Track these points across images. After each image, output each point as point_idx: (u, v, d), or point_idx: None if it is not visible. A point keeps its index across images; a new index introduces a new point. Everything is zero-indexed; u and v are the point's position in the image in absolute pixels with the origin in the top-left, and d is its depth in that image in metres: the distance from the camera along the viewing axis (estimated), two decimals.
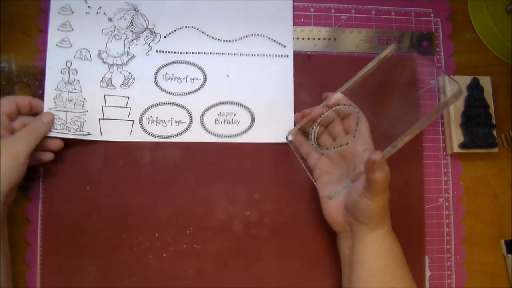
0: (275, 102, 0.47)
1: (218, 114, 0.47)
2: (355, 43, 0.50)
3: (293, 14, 0.50)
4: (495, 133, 0.48)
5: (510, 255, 0.48)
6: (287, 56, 0.48)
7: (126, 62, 0.46)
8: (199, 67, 0.47)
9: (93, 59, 0.46)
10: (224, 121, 0.47)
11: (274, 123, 0.47)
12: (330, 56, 0.49)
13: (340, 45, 0.50)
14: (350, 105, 0.42)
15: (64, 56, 0.45)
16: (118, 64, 0.46)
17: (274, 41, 0.48)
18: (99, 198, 0.45)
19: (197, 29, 0.47)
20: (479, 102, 0.48)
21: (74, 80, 0.45)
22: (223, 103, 0.47)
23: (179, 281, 0.45)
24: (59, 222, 0.44)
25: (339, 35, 0.50)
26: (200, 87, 0.47)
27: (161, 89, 0.46)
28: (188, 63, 0.47)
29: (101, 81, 0.46)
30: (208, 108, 0.47)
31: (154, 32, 0.47)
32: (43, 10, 0.47)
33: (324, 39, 0.50)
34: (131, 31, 0.46)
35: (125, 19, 0.46)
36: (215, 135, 0.46)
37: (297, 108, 0.47)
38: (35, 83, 0.46)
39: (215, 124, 0.46)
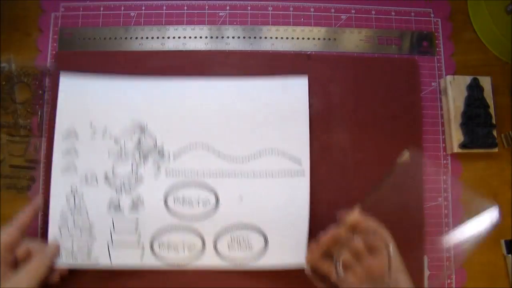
0: (290, 224, 0.44)
1: (231, 239, 0.44)
2: (355, 43, 0.50)
3: (293, 15, 0.50)
4: (495, 133, 0.48)
5: (510, 255, 0.48)
6: (303, 174, 0.45)
7: (135, 185, 0.44)
8: (211, 190, 0.44)
9: (99, 183, 0.44)
10: (238, 245, 0.44)
11: (289, 246, 0.44)
12: (330, 56, 0.49)
13: (340, 45, 0.50)
14: (377, 232, 0.38)
15: (69, 181, 0.43)
16: (126, 187, 0.44)
17: (289, 157, 0.45)
18: None
19: (208, 146, 0.45)
20: (479, 102, 0.48)
21: (81, 206, 0.43)
22: (236, 227, 0.44)
23: None
24: None
25: (339, 35, 0.50)
26: (213, 211, 0.44)
27: (172, 213, 0.44)
28: (199, 185, 0.44)
29: (108, 205, 0.43)
30: (221, 233, 0.44)
31: (163, 152, 0.44)
32: (44, 11, 0.47)
33: (324, 39, 0.50)
34: (139, 151, 0.44)
35: (131, 139, 0.44)
36: (229, 261, 0.44)
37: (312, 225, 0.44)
38: (35, 83, 0.46)
39: (229, 249, 0.44)
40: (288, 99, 0.46)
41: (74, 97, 0.45)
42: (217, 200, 0.44)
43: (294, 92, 0.46)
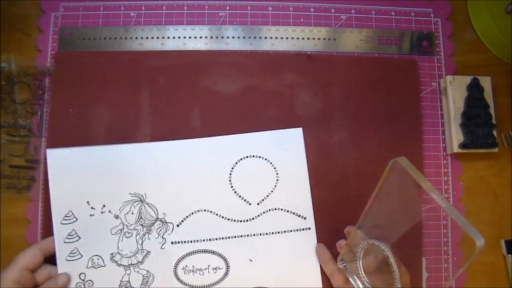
0: (300, 278, 0.45)
1: None
2: (355, 43, 0.50)
3: (293, 15, 0.50)
4: (495, 133, 0.48)
5: (510, 255, 0.48)
6: (309, 228, 0.45)
7: (142, 260, 0.43)
8: (220, 255, 0.44)
9: (106, 264, 0.43)
10: None
11: None
12: (330, 56, 0.49)
13: (340, 45, 0.50)
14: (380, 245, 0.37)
15: (76, 269, 0.42)
16: (134, 264, 0.43)
17: (294, 214, 0.45)
18: None
19: (211, 211, 0.44)
20: (479, 102, 0.48)
21: None
22: None
23: None
24: None
25: (339, 35, 0.50)
26: (224, 277, 0.44)
27: (184, 283, 0.43)
28: (207, 251, 0.44)
29: (119, 285, 0.43)
30: None
31: (166, 222, 0.44)
32: (44, 11, 0.47)
33: (324, 39, 0.50)
34: (141, 225, 0.43)
35: (132, 213, 0.43)
36: None
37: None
38: (35, 83, 0.46)
39: None
40: (284, 152, 0.46)
41: (65, 175, 0.43)
42: (227, 265, 0.44)
43: (290, 145, 0.46)
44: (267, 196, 0.45)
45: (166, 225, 0.44)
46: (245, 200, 0.45)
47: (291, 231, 0.45)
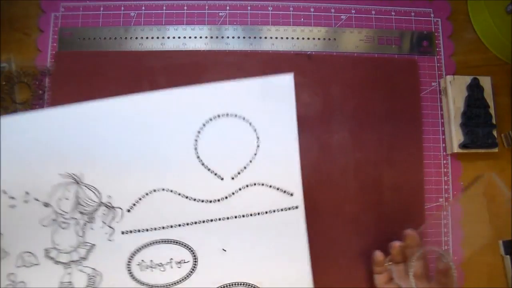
0: (285, 270, 0.37)
1: None
2: (355, 43, 0.50)
3: (293, 15, 0.50)
4: (495, 133, 0.48)
5: (508, 255, 0.48)
6: (297, 207, 0.36)
7: (86, 255, 0.35)
8: (185, 245, 0.35)
9: (41, 262, 0.34)
10: None
11: None
12: (330, 56, 0.49)
13: (340, 45, 0.50)
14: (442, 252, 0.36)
15: (3, 270, 0.35)
16: (75, 261, 0.35)
17: (278, 189, 0.36)
18: None
19: (171, 191, 0.35)
20: (479, 102, 0.48)
21: None
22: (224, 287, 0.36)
23: None
24: None
25: (339, 35, 0.50)
26: (191, 272, 0.35)
27: (140, 283, 0.35)
28: (168, 241, 0.35)
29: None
30: None
31: (112, 207, 0.35)
32: (44, 11, 0.47)
33: (324, 39, 0.50)
34: (80, 212, 0.34)
35: (67, 199, 0.34)
36: None
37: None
38: (35, 83, 0.46)
39: None
40: (268, 109, 0.36)
41: None
42: (195, 257, 0.36)
43: (276, 98, 0.36)
44: (245, 168, 0.36)
45: (113, 210, 0.35)
46: (215, 174, 0.35)
47: (274, 211, 0.36)
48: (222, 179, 0.36)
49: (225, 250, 0.36)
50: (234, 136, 0.36)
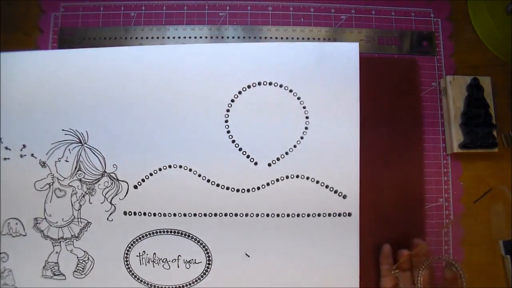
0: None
1: None
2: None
3: (293, 15, 0.50)
4: (495, 133, 0.48)
5: (508, 256, 0.48)
6: (350, 214, 0.29)
7: (78, 234, 0.29)
8: (198, 241, 0.28)
9: (28, 233, 0.29)
10: None
11: None
12: None
13: None
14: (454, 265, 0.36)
15: None
16: (66, 239, 0.29)
17: (328, 187, 0.29)
18: None
19: (190, 170, 0.28)
20: (479, 102, 0.48)
21: (4, 270, 0.29)
22: None
23: None
24: None
25: (339, 35, 0.50)
26: (202, 276, 0.28)
27: (137, 278, 0.28)
28: (178, 233, 0.28)
29: (43, 267, 0.29)
30: None
31: (117, 180, 0.29)
32: (44, 11, 0.47)
33: (324, 39, 0.50)
34: (80, 179, 0.29)
35: (66, 161, 0.29)
36: None
37: None
38: None
39: None
40: (323, 81, 0.28)
41: None
42: (209, 257, 0.28)
43: (335, 70, 0.27)
44: (286, 153, 0.29)
45: (118, 184, 0.29)
46: (248, 157, 0.28)
47: (319, 215, 0.29)
48: (256, 163, 0.28)
49: (248, 256, 0.28)
50: (276, 111, 0.28)
